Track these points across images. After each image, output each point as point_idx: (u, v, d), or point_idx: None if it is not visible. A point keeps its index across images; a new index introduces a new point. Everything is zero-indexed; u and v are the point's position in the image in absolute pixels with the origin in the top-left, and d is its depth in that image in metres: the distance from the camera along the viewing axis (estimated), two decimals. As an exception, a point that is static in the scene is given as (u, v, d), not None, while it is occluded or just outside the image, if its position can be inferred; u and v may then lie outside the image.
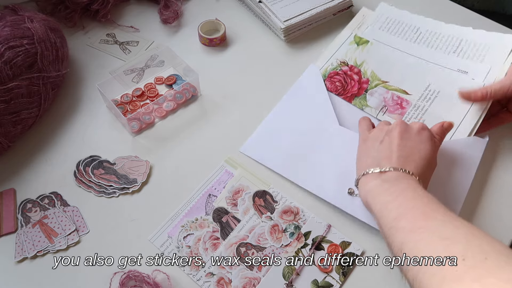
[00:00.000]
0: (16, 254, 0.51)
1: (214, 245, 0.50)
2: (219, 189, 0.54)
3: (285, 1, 0.73)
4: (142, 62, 0.67)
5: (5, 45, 0.54)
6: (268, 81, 0.68)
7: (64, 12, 0.74)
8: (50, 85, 0.60)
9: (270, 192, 0.54)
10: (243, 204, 0.52)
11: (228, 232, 0.51)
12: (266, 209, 0.52)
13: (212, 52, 0.72)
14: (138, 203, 0.55)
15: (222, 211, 0.52)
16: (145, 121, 0.62)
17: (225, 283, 0.48)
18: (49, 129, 0.62)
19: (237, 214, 0.52)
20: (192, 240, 0.50)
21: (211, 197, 0.53)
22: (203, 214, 0.52)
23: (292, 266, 0.48)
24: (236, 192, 0.53)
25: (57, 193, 0.56)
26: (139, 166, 0.58)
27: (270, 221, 0.51)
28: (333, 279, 0.47)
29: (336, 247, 0.50)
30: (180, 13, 0.77)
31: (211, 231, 0.51)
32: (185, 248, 0.50)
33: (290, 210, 0.53)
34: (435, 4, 0.79)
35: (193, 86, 0.65)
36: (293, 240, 0.50)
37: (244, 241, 0.50)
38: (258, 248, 0.49)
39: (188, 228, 0.51)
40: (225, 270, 0.48)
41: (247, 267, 0.48)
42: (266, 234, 0.51)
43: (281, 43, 0.74)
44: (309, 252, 0.49)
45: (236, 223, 0.51)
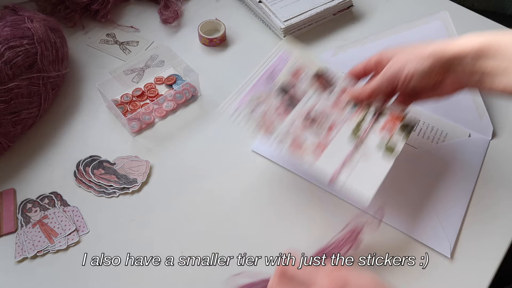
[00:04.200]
0: (16, 254, 0.51)
1: (282, 116, 0.53)
2: (279, 69, 0.56)
3: (285, 1, 0.73)
4: (142, 62, 0.67)
5: (5, 45, 0.54)
6: (268, 81, 0.68)
7: (64, 12, 0.74)
8: (50, 85, 0.60)
9: (329, 72, 0.56)
10: (304, 82, 0.55)
11: (294, 105, 0.54)
12: (326, 87, 0.55)
13: (212, 52, 0.72)
14: (138, 203, 0.55)
15: (286, 87, 0.55)
16: (145, 121, 0.62)
17: (297, 145, 0.51)
18: (49, 129, 0.62)
19: (299, 91, 0.55)
20: (260, 111, 0.53)
21: (273, 75, 0.56)
22: (267, 90, 0.55)
23: (358, 131, 0.52)
24: (296, 71, 0.56)
25: (57, 193, 0.56)
26: (139, 166, 0.58)
27: (331, 97, 0.54)
28: (397, 139, 0.51)
29: (397, 116, 0.53)
30: (180, 13, 0.77)
31: (278, 104, 0.54)
32: (255, 118, 0.53)
33: (349, 89, 0.55)
34: (435, 4, 0.79)
35: (193, 86, 0.65)
36: (355, 112, 0.53)
37: (310, 111, 0.53)
38: (323, 117, 0.53)
39: (255, 101, 0.54)
40: (296, 135, 0.52)
41: (316, 132, 0.52)
42: (329, 107, 0.54)
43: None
44: (371, 120, 0.53)
45: (300, 98, 0.54)
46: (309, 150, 0.51)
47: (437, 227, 0.53)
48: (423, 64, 0.46)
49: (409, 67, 0.47)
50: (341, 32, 0.75)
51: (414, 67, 0.46)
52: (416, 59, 0.47)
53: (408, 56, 0.48)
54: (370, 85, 0.52)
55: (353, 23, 0.77)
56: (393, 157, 0.50)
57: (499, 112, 0.64)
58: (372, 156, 0.50)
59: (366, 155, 0.50)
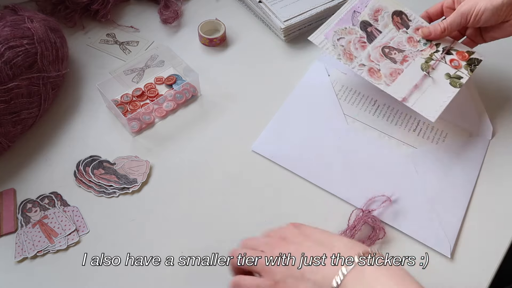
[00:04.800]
0: (16, 254, 0.51)
1: (363, 47, 0.61)
2: (362, 8, 0.64)
3: (285, 1, 0.73)
4: (142, 62, 0.67)
5: (5, 45, 0.54)
6: (268, 81, 0.68)
7: (64, 12, 0.74)
8: (50, 85, 0.60)
9: (406, 12, 0.65)
10: (383, 20, 0.63)
11: (373, 38, 0.62)
12: (402, 25, 0.63)
13: (212, 52, 0.72)
14: (138, 203, 0.55)
15: (367, 23, 0.63)
16: (145, 121, 0.62)
17: (374, 71, 0.59)
18: (49, 129, 0.62)
19: (378, 27, 0.63)
20: (344, 41, 0.61)
21: (356, 13, 0.64)
22: (351, 24, 0.63)
23: (428, 63, 0.60)
24: (377, 10, 0.64)
25: (57, 193, 0.56)
26: (139, 166, 0.58)
27: (406, 34, 0.63)
28: (462, 73, 0.59)
29: (463, 54, 0.61)
30: (180, 13, 0.77)
31: (359, 37, 0.62)
32: (339, 47, 0.60)
33: (421, 28, 0.63)
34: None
35: (193, 86, 0.65)
36: (426, 47, 0.61)
37: (387, 44, 0.61)
38: (398, 50, 0.61)
39: (340, 33, 0.62)
40: (374, 63, 0.60)
41: (392, 61, 0.60)
42: (404, 42, 0.62)
43: (281, 43, 0.74)
44: (441, 55, 0.60)
45: (379, 33, 0.63)
46: (384, 75, 0.58)
47: (437, 227, 0.53)
48: (494, 1, 0.54)
49: (480, 4, 0.55)
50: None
51: (485, 4, 0.55)
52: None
53: None
54: (444, 21, 0.60)
55: (353, 23, 0.77)
56: (459, 86, 0.57)
57: (499, 113, 0.64)
58: (440, 83, 0.58)
59: (435, 82, 0.58)
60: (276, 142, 0.60)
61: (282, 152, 0.59)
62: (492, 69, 0.69)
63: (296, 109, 0.64)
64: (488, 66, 0.68)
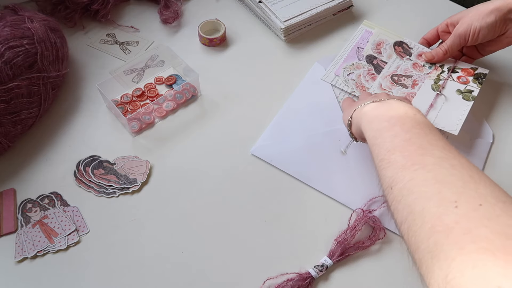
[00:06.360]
0: (16, 254, 0.51)
1: (372, 78, 0.65)
2: (364, 43, 0.70)
3: (285, 1, 0.73)
4: (142, 62, 0.67)
5: (5, 45, 0.54)
6: (268, 81, 0.68)
7: (64, 12, 0.74)
8: (50, 85, 0.60)
9: (405, 41, 0.69)
10: (386, 51, 0.68)
11: (380, 69, 0.66)
12: (405, 53, 0.68)
13: (212, 52, 0.72)
14: (138, 203, 0.55)
15: (371, 57, 0.68)
16: (145, 121, 0.62)
17: None
18: (49, 129, 0.62)
19: (382, 58, 0.68)
20: (354, 76, 0.66)
21: (359, 49, 0.69)
22: (357, 60, 0.68)
23: (437, 83, 0.63)
24: (378, 44, 0.69)
25: (57, 193, 0.56)
26: (139, 166, 0.58)
27: (410, 61, 0.67)
28: (472, 87, 0.62)
29: (468, 70, 0.64)
30: (180, 13, 0.77)
31: (367, 70, 0.66)
32: (351, 81, 0.65)
33: (424, 53, 0.67)
34: (435, 4, 0.79)
35: (193, 86, 0.65)
36: (432, 70, 0.65)
37: (395, 73, 0.66)
38: (406, 76, 0.65)
39: (348, 69, 0.67)
40: (387, 91, 0.64)
41: (403, 87, 0.64)
42: (410, 68, 0.66)
43: (281, 43, 0.74)
44: (447, 74, 0.64)
45: (384, 64, 0.67)
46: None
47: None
48: (488, 18, 0.57)
49: (475, 24, 0.58)
50: (341, 32, 0.75)
51: (480, 22, 0.58)
52: (481, 16, 0.58)
53: (474, 15, 0.59)
54: (444, 44, 0.64)
55: (353, 23, 0.77)
56: (472, 99, 0.61)
57: (500, 116, 0.64)
58: (454, 99, 0.61)
59: (448, 99, 0.61)
60: (275, 145, 0.60)
61: (281, 155, 0.59)
62: (492, 69, 0.69)
63: (296, 111, 0.63)
64: (488, 66, 0.68)
